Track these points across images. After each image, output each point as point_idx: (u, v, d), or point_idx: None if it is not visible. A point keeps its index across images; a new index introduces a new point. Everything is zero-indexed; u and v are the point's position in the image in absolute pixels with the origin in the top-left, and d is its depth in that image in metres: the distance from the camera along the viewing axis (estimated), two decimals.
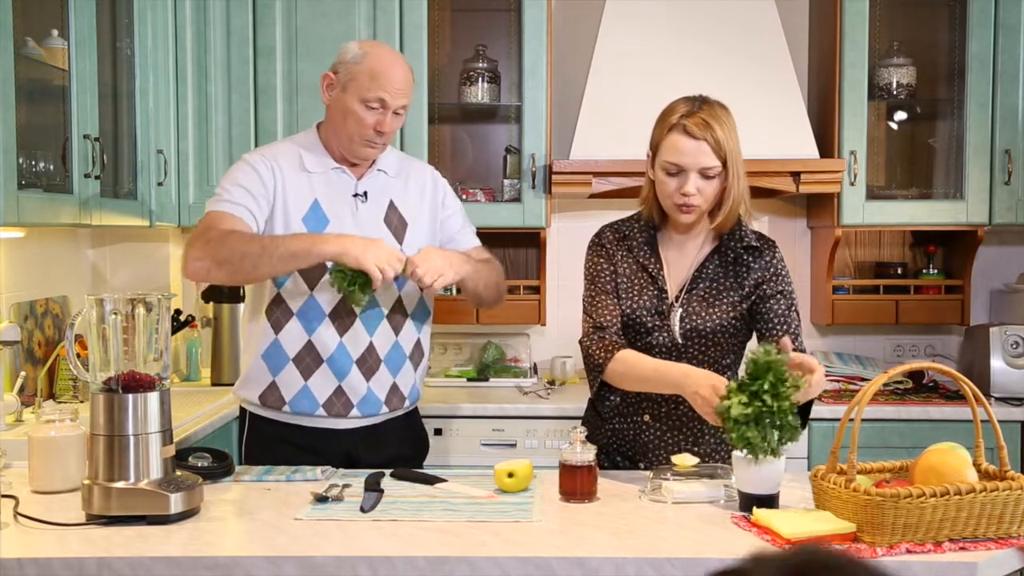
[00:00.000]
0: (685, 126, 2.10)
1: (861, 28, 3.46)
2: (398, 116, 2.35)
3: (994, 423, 1.78)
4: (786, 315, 2.18)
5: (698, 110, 2.12)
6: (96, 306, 1.86)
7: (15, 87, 2.31)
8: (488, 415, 3.27)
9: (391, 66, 2.32)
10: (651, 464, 2.21)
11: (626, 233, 2.27)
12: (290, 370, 2.35)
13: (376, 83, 2.29)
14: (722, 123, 2.11)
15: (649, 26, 3.54)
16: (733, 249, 2.22)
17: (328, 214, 2.35)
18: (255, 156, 2.39)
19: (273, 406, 2.38)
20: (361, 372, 2.36)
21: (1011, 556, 1.69)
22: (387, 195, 2.42)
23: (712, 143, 2.09)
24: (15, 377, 2.71)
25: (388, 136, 2.36)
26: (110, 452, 1.83)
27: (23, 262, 2.89)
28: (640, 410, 2.24)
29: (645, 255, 2.24)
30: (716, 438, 2.24)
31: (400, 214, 2.42)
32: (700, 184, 2.12)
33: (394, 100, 2.31)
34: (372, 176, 2.42)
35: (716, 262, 2.22)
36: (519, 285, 3.71)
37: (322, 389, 2.35)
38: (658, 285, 2.21)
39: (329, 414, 2.36)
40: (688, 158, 2.11)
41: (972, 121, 3.48)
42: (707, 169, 2.11)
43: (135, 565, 1.64)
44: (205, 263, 2.22)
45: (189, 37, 3.39)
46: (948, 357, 3.83)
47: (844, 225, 3.52)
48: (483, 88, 3.65)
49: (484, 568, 1.64)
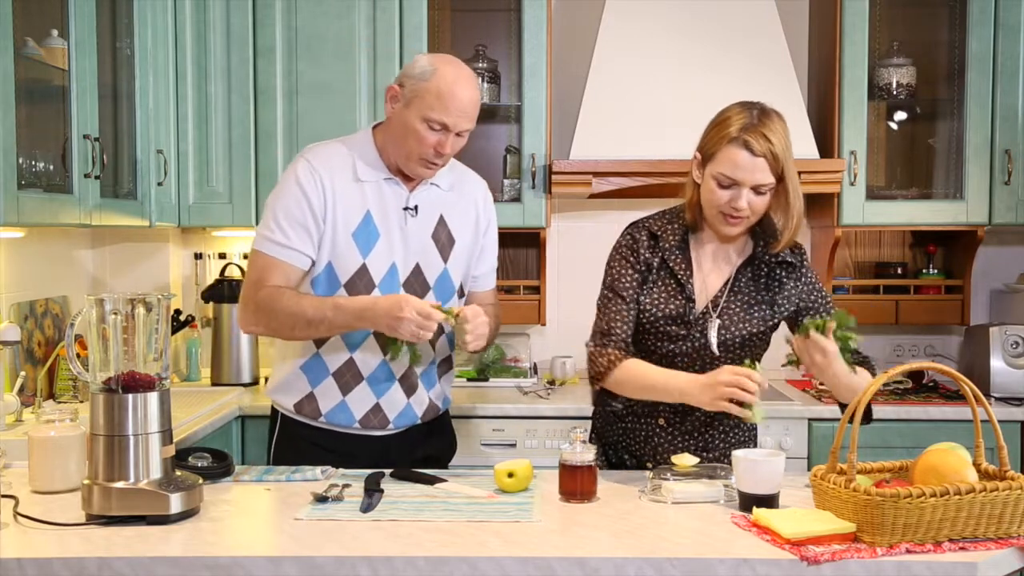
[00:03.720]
0: (746, 141, 2.05)
1: (861, 28, 3.46)
2: (460, 138, 2.24)
3: (994, 423, 1.78)
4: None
5: (758, 123, 2.06)
6: (96, 306, 1.86)
7: (15, 87, 2.31)
8: (488, 415, 3.27)
9: (459, 87, 2.19)
10: (663, 463, 2.19)
11: (659, 233, 2.22)
12: (329, 384, 2.31)
13: (442, 104, 2.17)
14: (779, 136, 2.06)
15: (649, 26, 3.54)
16: (767, 263, 2.20)
17: (379, 228, 2.27)
18: (305, 171, 2.25)
19: (309, 415, 2.34)
20: (403, 390, 2.34)
21: (1011, 556, 1.69)
22: (438, 210, 2.34)
23: (771, 159, 2.05)
24: (15, 377, 2.71)
25: (448, 158, 2.27)
26: (110, 452, 1.83)
27: (23, 262, 2.89)
28: (656, 413, 2.23)
29: (676, 260, 2.19)
30: (726, 443, 2.25)
31: (449, 231, 2.35)
32: (752, 199, 2.09)
33: (458, 124, 2.20)
34: (424, 189, 2.32)
35: (749, 275, 2.20)
36: (519, 285, 3.71)
37: (360, 405, 2.32)
38: (686, 294, 2.18)
39: (364, 427, 2.34)
40: (745, 174, 2.06)
41: (972, 121, 3.48)
42: (762, 186, 2.08)
43: (135, 565, 1.64)
44: (259, 328, 2.26)
45: (189, 37, 3.39)
46: (948, 357, 3.83)
47: (844, 225, 3.51)
48: (483, 88, 3.65)
49: (484, 568, 1.64)
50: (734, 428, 2.26)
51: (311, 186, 2.23)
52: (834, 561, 1.62)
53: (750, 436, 2.32)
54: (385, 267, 2.27)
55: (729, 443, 2.26)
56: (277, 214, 2.23)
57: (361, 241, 2.25)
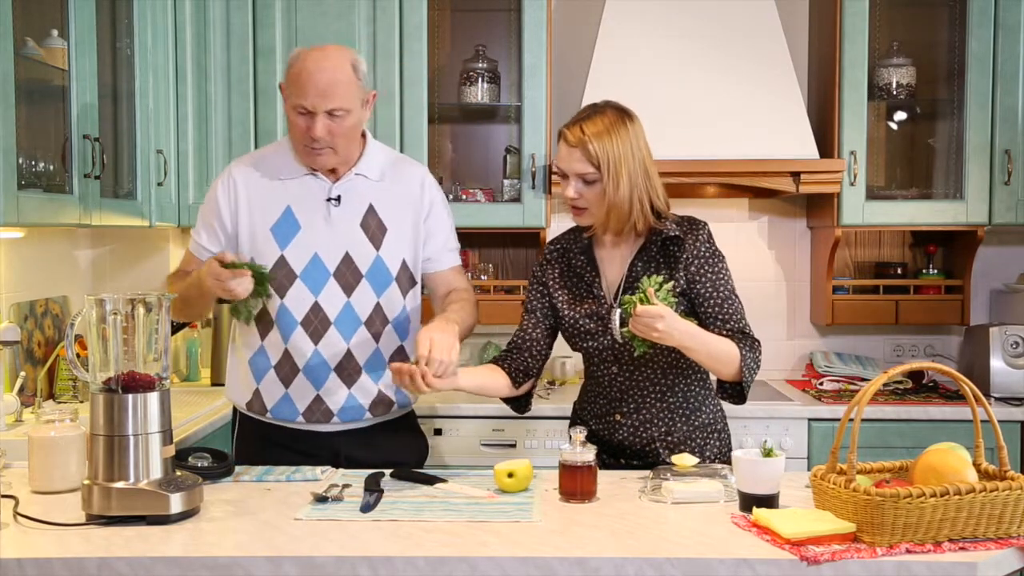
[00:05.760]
0: (563, 133, 2.23)
1: (861, 28, 3.47)
2: (336, 118, 2.24)
3: (994, 423, 1.78)
4: (712, 296, 2.21)
5: (581, 118, 2.21)
6: (96, 306, 1.86)
7: (15, 87, 2.31)
8: (488, 415, 3.27)
9: (313, 68, 2.23)
10: (631, 458, 2.28)
11: (565, 246, 2.37)
12: (271, 378, 2.36)
13: (299, 87, 2.23)
14: (599, 128, 2.18)
15: (649, 26, 3.54)
16: (655, 243, 2.26)
17: (300, 220, 2.33)
18: (221, 181, 2.41)
19: (257, 412, 2.40)
20: (340, 379, 2.35)
21: (1011, 556, 1.69)
22: (366, 199, 2.37)
23: (583, 149, 2.17)
24: (15, 377, 2.71)
25: (331, 141, 2.26)
26: (110, 452, 1.83)
27: (23, 262, 2.89)
28: (611, 410, 2.31)
29: (582, 265, 2.32)
30: (688, 425, 2.29)
31: (380, 219, 2.37)
32: (581, 188, 2.21)
33: (317, 104, 2.22)
34: (349, 180, 2.36)
35: (644, 259, 2.27)
36: (519, 285, 3.70)
37: (301, 398, 2.35)
38: (594, 293, 2.28)
39: (308, 422, 2.36)
40: (563, 163, 2.23)
41: (972, 121, 3.48)
42: (584, 175, 2.19)
43: (135, 565, 1.64)
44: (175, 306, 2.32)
45: (189, 37, 3.39)
46: (948, 357, 3.83)
47: (844, 225, 3.52)
48: (483, 88, 3.65)
49: (484, 568, 1.65)
50: (696, 411, 2.30)
51: (222, 193, 2.39)
52: (834, 561, 1.62)
53: (717, 416, 2.34)
54: (306, 258, 2.33)
55: (693, 425, 2.29)
56: (199, 217, 2.45)
57: (280, 234, 2.33)
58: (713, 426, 2.32)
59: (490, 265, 3.84)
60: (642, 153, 2.22)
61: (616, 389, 2.29)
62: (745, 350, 2.16)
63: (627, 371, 2.27)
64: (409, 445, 2.50)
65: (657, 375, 2.26)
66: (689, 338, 2.08)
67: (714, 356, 2.14)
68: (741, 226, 3.88)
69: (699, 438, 2.30)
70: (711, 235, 2.27)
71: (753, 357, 2.19)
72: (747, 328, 2.23)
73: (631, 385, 2.28)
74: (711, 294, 2.22)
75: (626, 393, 2.28)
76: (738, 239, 3.87)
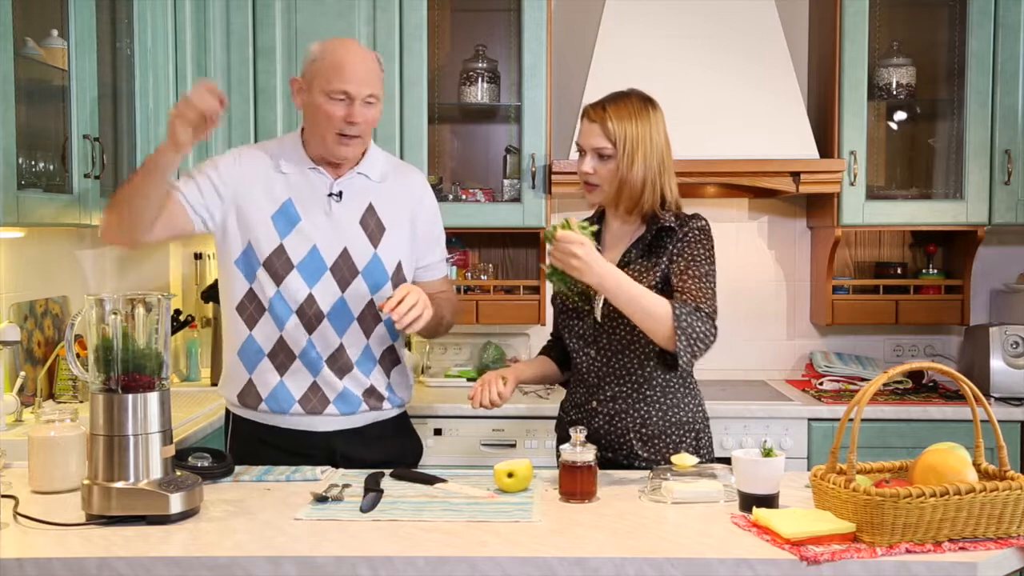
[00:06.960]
0: (587, 110, 2.31)
1: (861, 28, 3.47)
2: (370, 105, 2.31)
3: (994, 423, 1.78)
4: (683, 272, 2.21)
5: (606, 100, 2.29)
6: (96, 306, 1.86)
7: (15, 87, 2.31)
8: (488, 415, 3.26)
9: (350, 56, 2.30)
10: (605, 450, 2.26)
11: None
12: (266, 366, 2.36)
13: (338, 74, 2.28)
14: (622, 111, 2.25)
15: (649, 26, 3.54)
16: (651, 232, 2.28)
17: (300, 213, 2.35)
18: (231, 152, 2.44)
19: (250, 405, 2.39)
20: (333, 372, 2.36)
21: (1011, 556, 1.69)
22: (366, 197, 2.40)
23: (602, 125, 2.24)
24: (15, 377, 2.71)
25: (363, 128, 2.32)
26: (110, 452, 1.83)
27: (23, 262, 2.89)
28: (589, 398, 2.34)
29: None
30: (664, 420, 2.28)
31: (379, 218, 2.39)
32: (596, 164, 2.27)
33: (358, 89, 2.28)
34: (350, 178, 2.39)
35: (640, 247, 2.29)
36: (519, 285, 3.70)
37: (298, 385, 2.36)
38: None
39: (305, 410, 2.36)
40: (583, 139, 2.30)
41: (972, 121, 3.48)
42: (600, 149, 2.25)
43: (135, 565, 1.64)
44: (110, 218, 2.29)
45: (189, 37, 3.39)
46: (948, 357, 3.83)
47: (844, 225, 3.52)
48: (483, 88, 3.65)
49: (484, 568, 1.65)
50: (673, 407, 2.30)
51: (224, 161, 2.40)
52: (834, 561, 1.62)
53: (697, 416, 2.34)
54: (305, 249, 2.34)
55: (669, 421, 2.28)
56: (183, 173, 2.42)
57: (280, 224, 2.35)
58: (691, 425, 2.31)
59: (490, 265, 3.84)
60: (660, 141, 2.27)
61: (594, 375, 2.32)
62: (680, 310, 2.10)
63: (604, 356, 2.29)
64: (404, 445, 2.51)
65: (634, 364, 2.27)
66: (612, 280, 2.09)
67: (644, 309, 2.10)
68: (741, 226, 3.88)
69: (674, 435, 2.29)
70: (706, 228, 2.28)
71: (691, 324, 2.10)
72: (705, 308, 2.16)
73: (608, 371, 2.30)
74: (682, 269, 2.21)
75: (603, 380, 2.31)
76: (738, 239, 3.87)
